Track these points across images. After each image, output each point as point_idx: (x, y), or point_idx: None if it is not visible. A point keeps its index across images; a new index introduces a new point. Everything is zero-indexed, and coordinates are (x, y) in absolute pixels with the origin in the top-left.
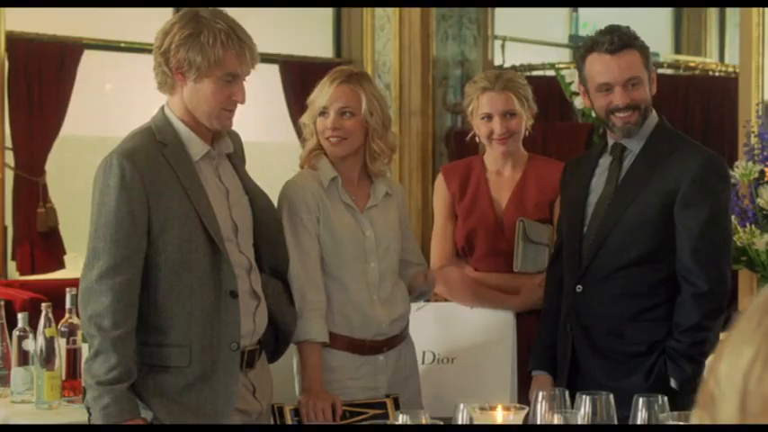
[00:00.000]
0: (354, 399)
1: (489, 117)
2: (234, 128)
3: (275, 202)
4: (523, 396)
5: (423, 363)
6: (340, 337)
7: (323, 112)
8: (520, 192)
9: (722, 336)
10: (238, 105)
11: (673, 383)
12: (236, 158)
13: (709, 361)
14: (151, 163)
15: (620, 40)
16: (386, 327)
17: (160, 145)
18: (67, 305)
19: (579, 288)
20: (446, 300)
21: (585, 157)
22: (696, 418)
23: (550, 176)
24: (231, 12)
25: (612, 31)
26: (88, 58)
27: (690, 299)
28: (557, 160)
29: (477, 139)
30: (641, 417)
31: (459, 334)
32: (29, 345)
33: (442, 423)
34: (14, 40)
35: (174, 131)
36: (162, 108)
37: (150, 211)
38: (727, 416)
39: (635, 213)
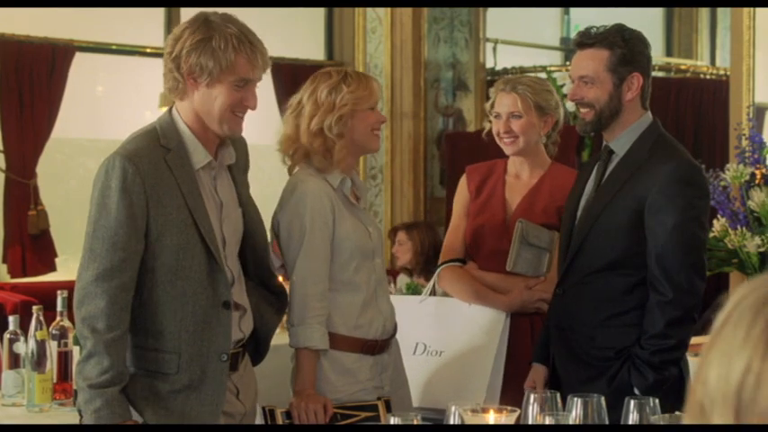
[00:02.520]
0: (361, 399)
1: (499, 116)
2: None
3: (267, 206)
4: (507, 397)
5: (414, 353)
6: (354, 340)
7: (373, 108)
8: (532, 196)
9: (699, 339)
10: None
11: (636, 391)
12: (237, 169)
13: (691, 368)
14: (153, 167)
15: (586, 37)
16: (389, 323)
17: (163, 149)
18: (59, 308)
19: (560, 291)
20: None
21: (592, 160)
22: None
23: (564, 183)
24: (225, 11)
25: (591, 28)
26: (79, 61)
27: (655, 306)
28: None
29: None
30: (633, 418)
31: (452, 329)
32: (20, 348)
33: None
34: (5, 43)
35: (179, 136)
36: (170, 110)
37: (149, 216)
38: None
39: (608, 218)
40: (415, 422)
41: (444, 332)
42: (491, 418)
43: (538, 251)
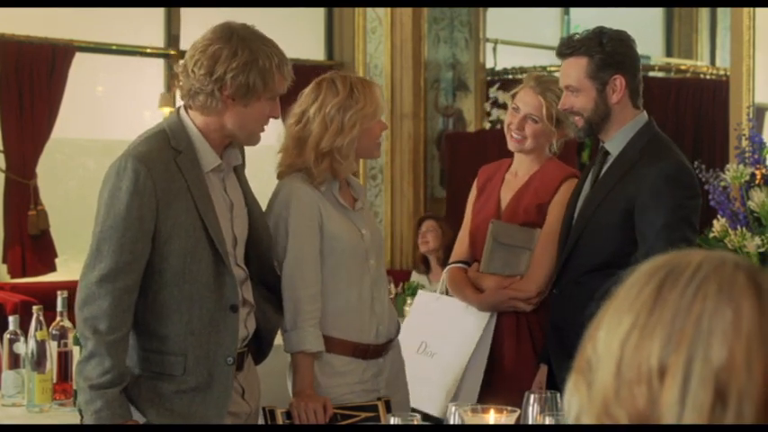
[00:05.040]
0: (355, 401)
1: (517, 110)
2: None
3: (265, 206)
4: (492, 396)
5: (417, 351)
6: (345, 343)
7: (378, 120)
8: (520, 194)
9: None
10: None
11: None
12: (241, 169)
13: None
14: (165, 169)
15: (565, 47)
16: (384, 326)
17: (174, 152)
18: (59, 308)
19: (556, 290)
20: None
21: (593, 161)
22: (572, 383)
23: (551, 180)
24: (223, 13)
25: (575, 35)
26: (79, 61)
27: None
28: (568, 166)
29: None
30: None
31: (446, 329)
32: (20, 348)
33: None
34: (5, 43)
35: (189, 139)
36: (178, 111)
37: (158, 219)
38: (602, 382)
39: (600, 219)
40: (415, 422)
41: (440, 332)
42: (491, 418)
43: (514, 250)
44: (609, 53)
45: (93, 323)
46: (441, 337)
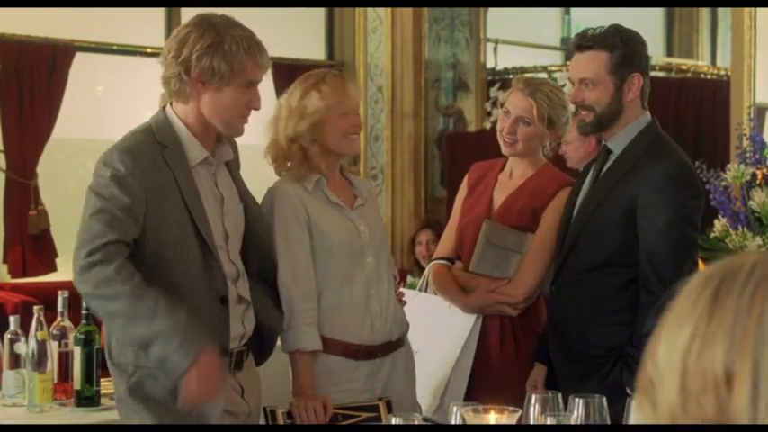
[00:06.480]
0: (349, 401)
1: (508, 114)
2: None
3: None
4: (475, 397)
5: None
6: (336, 343)
7: (346, 113)
8: (514, 197)
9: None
10: None
11: (628, 390)
12: (234, 165)
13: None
14: (152, 162)
15: (584, 40)
16: (383, 325)
17: (160, 146)
18: (59, 308)
19: (554, 288)
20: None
21: (592, 159)
22: (637, 404)
23: (548, 186)
24: (224, 12)
25: (588, 30)
26: (80, 61)
27: (646, 306)
28: (566, 174)
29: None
30: (634, 418)
31: (429, 327)
32: (20, 348)
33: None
34: (6, 43)
35: (175, 134)
36: (164, 108)
37: (147, 211)
38: (667, 398)
39: (601, 217)
40: (416, 422)
41: (421, 330)
42: (492, 418)
43: (504, 252)
44: (629, 50)
45: (106, 289)
46: (422, 334)
